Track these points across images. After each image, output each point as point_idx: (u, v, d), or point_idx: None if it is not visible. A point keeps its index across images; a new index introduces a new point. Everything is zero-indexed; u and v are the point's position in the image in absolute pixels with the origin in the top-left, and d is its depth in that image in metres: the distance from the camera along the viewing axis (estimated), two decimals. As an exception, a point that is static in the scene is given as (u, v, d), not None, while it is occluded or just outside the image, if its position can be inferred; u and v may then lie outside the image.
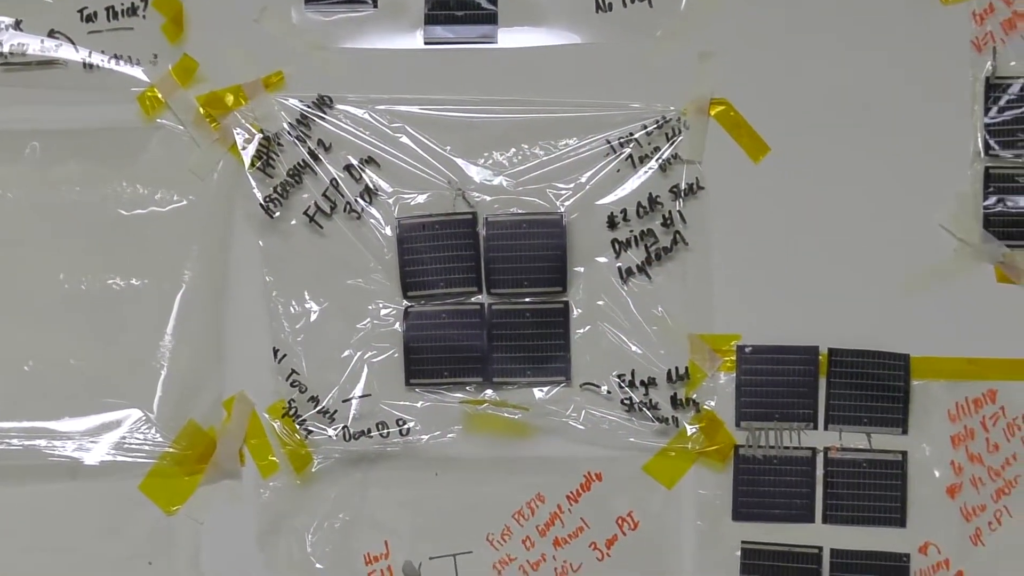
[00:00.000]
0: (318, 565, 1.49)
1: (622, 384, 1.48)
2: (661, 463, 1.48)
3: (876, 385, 1.47)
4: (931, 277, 1.47)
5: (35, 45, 1.50)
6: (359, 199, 1.49)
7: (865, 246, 1.48)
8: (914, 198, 1.48)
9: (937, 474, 1.47)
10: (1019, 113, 1.47)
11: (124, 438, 1.47)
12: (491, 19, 1.51)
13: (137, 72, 1.51)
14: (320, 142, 1.49)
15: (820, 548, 1.47)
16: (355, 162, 1.49)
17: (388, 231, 1.49)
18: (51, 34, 1.50)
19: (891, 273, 1.48)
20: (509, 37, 1.51)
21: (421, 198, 1.49)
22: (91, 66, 1.51)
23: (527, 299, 1.49)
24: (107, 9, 1.51)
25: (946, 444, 1.47)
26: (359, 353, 1.49)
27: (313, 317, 1.49)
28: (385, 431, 1.48)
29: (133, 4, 1.51)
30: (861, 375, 1.47)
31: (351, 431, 1.48)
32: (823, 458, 1.48)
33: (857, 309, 1.48)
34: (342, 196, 1.49)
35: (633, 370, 1.48)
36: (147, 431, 1.47)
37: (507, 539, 1.49)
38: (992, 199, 1.47)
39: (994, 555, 1.46)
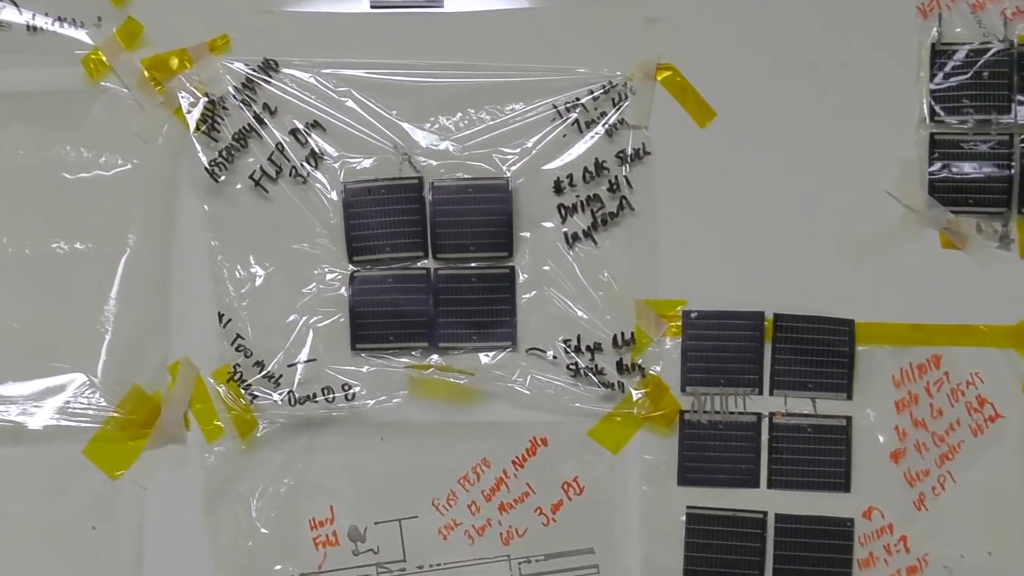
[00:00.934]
0: (263, 530, 1.48)
1: (568, 349, 1.48)
2: (607, 428, 1.48)
3: (821, 351, 1.47)
4: (876, 243, 1.48)
5: (-23, 8, 1.49)
6: (305, 163, 1.48)
7: (810, 212, 1.48)
8: (859, 164, 1.48)
9: (881, 439, 1.47)
10: (964, 79, 1.47)
11: (68, 403, 1.47)
12: (438, -17, 1.51)
13: (81, 35, 1.50)
14: (265, 106, 1.49)
15: (765, 513, 1.47)
16: (301, 126, 1.49)
17: (334, 195, 1.49)
18: (-6, -4, 1.50)
19: (836, 239, 1.48)
20: (456, 1, 1.50)
21: (367, 162, 1.49)
22: (34, 28, 1.50)
23: (473, 264, 1.49)
24: (51, -29, 1.50)
25: (890, 409, 1.48)
26: (304, 318, 1.48)
27: (258, 282, 1.49)
28: (330, 396, 1.47)
29: (77, -34, 1.50)
30: (806, 340, 1.47)
31: (296, 396, 1.47)
32: (768, 423, 1.48)
33: (802, 275, 1.48)
34: (288, 160, 1.48)
35: (579, 335, 1.48)
36: (91, 395, 1.47)
37: (452, 504, 1.49)
38: (937, 165, 1.48)
39: (937, 520, 1.47)
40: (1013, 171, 1.47)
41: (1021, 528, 1.46)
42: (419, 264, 1.49)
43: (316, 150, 1.48)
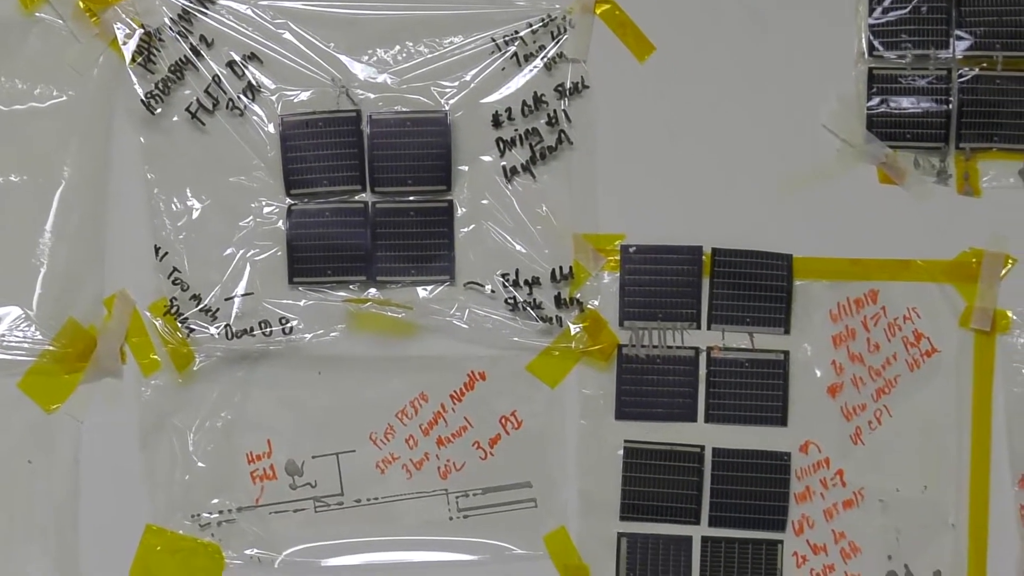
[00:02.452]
0: (200, 464, 1.48)
1: (506, 283, 1.47)
2: (545, 362, 1.48)
3: (759, 285, 1.47)
4: (814, 178, 1.48)
5: (-91, -63, 1.48)
6: (242, 96, 1.47)
7: (749, 146, 1.48)
8: (798, 99, 1.48)
9: (818, 374, 1.48)
10: (903, 14, 1.47)
11: (3, 336, 1.46)
12: (376, -85, 1.50)
13: (14, -36, 1.48)
14: (202, 38, 1.47)
15: (702, 447, 1.48)
16: (238, 58, 1.47)
17: (271, 128, 1.48)
18: (-74, -74, 1.48)
19: (774, 174, 1.48)
20: (395, -67, 1.50)
21: (304, 95, 1.48)
22: (-33, -42, 1.48)
23: (411, 198, 1.48)
24: (-15, -99, 1.48)
25: (827, 344, 1.48)
26: (242, 251, 1.48)
27: (195, 215, 1.48)
28: (268, 330, 1.47)
29: None
30: (744, 275, 1.47)
31: (233, 329, 1.47)
32: (706, 358, 1.48)
33: (740, 209, 1.48)
34: (224, 93, 1.47)
35: (517, 269, 1.47)
36: (26, 329, 1.46)
37: (390, 438, 1.49)
38: (875, 100, 1.48)
39: (874, 454, 1.47)
40: (951, 106, 1.47)
41: (956, 462, 1.47)
42: (357, 198, 1.48)
43: (253, 83, 1.47)
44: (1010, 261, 1.47)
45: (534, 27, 1.47)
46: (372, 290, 1.48)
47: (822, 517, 1.47)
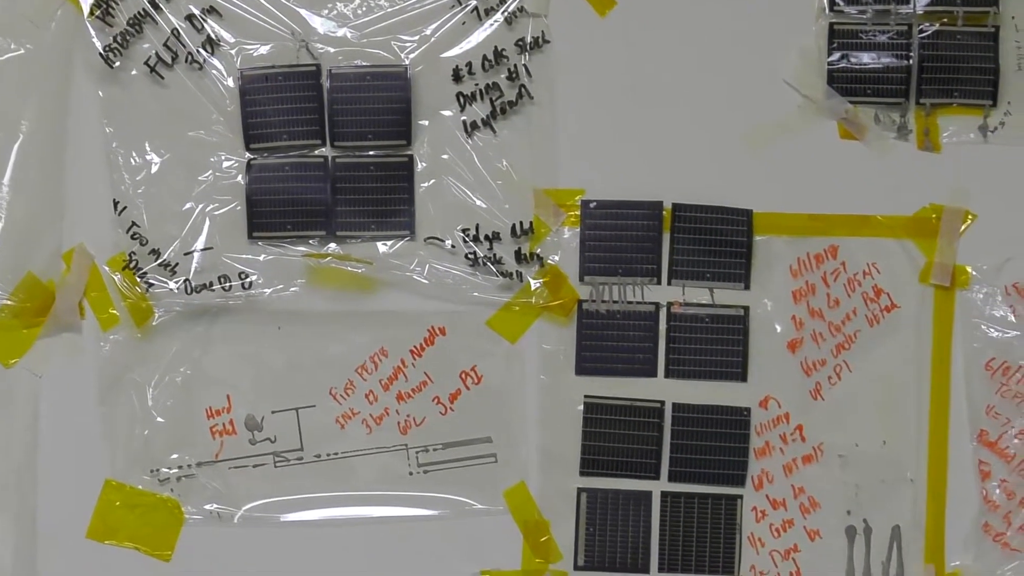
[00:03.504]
0: (159, 419, 1.48)
1: (466, 238, 1.47)
2: (505, 317, 1.48)
3: (719, 240, 1.47)
4: (774, 133, 1.48)
5: None
6: (201, 50, 1.47)
7: (709, 101, 1.48)
8: (758, 54, 1.48)
9: (778, 329, 1.48)
10: (864, -31, 1.47)
11: (-39, 290, 1.45)
12: None
13: (-29, -84, 1.47)
14: (161, -9, 1.47)
15: (662, 402, 1.48)
16: (197, 12, 1.47)
17: (230, 82, 1.47)
18: None
19: (735, 129, 1.48)
20: None
21: (264, 49, 1.47)
22: (-78, -91, 1.47)
23: (371, 152, 1.48)
24: None
25: (787, 299, 1.48)
26: (201, 206, 1.47)
27: (154, 169, 1.47)
28: (227, 284, 1.46)
29: None
30: (704, 230, 1.47)
31: (193, 284, 1.46)
32: (666, 313, 1.48)
33: (701, 164, 1.48)
34: (183, 46, 1.47)
35: (477, 224, 1.47)
36: (-16, 283, 1.46)
37: (350, 393, 1.48)
38: (836, 55, 1.48)
39: (833, 409, 1.48)
40: (911, 61, 1.47)
41: (915, 417, 1.47)
42: (317, 152, 1.48)
43: (212, 36, 1.47)
44: (969, 217, 1.47)
45: (495, -19, 1.47)
46: (332, 245, 1.48)
47: (782, 472, 1.48)
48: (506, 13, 1.47)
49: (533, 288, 1.47)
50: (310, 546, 1.47)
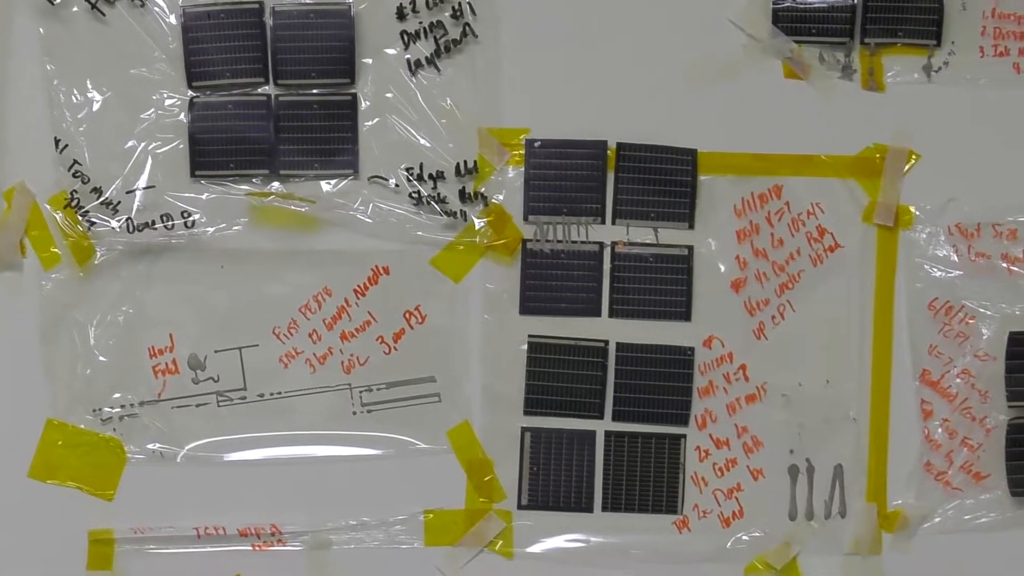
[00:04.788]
0: (101, 358, 1.47)
1: (410, 177, 1.47)
2: (449, 257, 1.47)
3: (663, 180, 1.47)
4: (719, 72, 1.48)
5: None
6: (143, -14, 1.46)
7: (654, 40, 1.47)
8: (704, -7, 1.48)
9: (722, 269, 1.48)
10: (809, -92, 1.47)
11: (-100, 228, 1.44)
12: None
13: None
14: (102, -74, 1.46)
15: (606, 342, 1.48)
16: (138, -52, 1.46)
17: (173, 20, 1.46)
18: None
19: (680, 68, 1.48)
20: None
21: (206, -14, 1.46)
22: None
23: (314, 91, 1.47)
24: None
25: (731, 239, 1.48)
26: (143, 144, 1.46)
27: (96, 107, 1.46)
28: (170, 223, 1.46)
29: None
30: (648, 170, 1.47)
31: (135, 223, 1.45)
32: (610, 252, 1.48)
33: (645, 104, 1.48)
34: (125, -17, 1.46)
35: (421, 163, 1.47)
36: (-77, 221, 1.45)
37: (293, 333, 1.48)
38: (781, -6, 1.48)
39: (777, 348, 1.48)
40: (856, 1, 1.47)
41: (858, 357, 1.48)
42: (260, 90, 1.47)
43: (154, -27, 1.46)
44: (913, 157, 1.48)
45: (439, -82, 1.46)
46: (275, 184, 1.47)
47: (725, 411, 1.48)
48: (450, -49, 1.46)
49: (477, 227, 1.47)
50: (253, 485, 1.47)
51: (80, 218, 1.45)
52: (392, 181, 1.46)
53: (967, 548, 1.47)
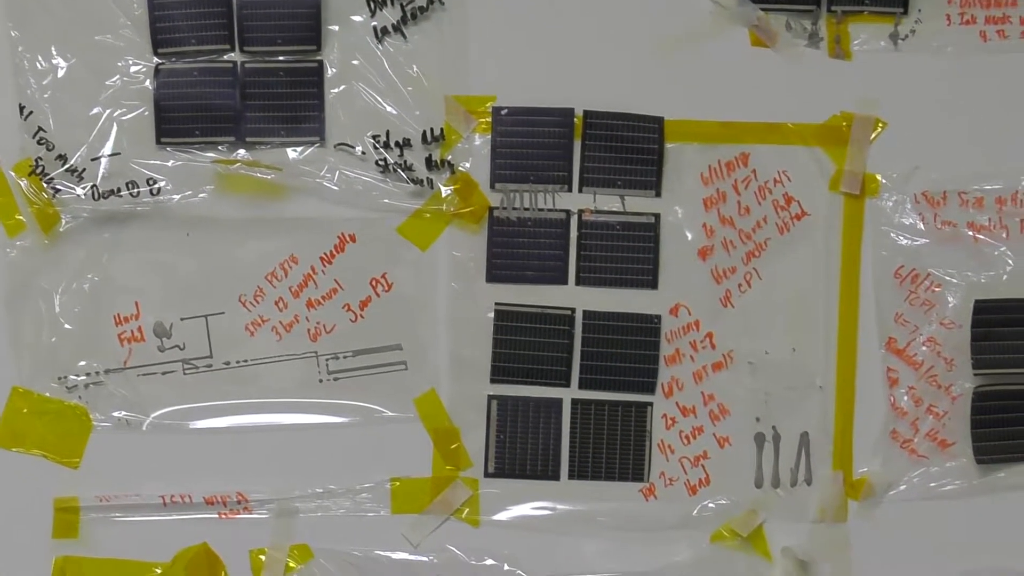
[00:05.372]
0: (67, 326, 1.46)
1: (377, 145, 1.46)
2: (415, 225, 1.47)
3: (630, 148, 1.47)
4: (686, 40, 1.47)
5: None
6: (108, -48, 1.45)
7: (621, 8, 1.47)
8: (671, -40, 1.47)
9: (689, 236, 1.48)
10: None
11: None
12: None
13: None
14: None
15: (573, 310, 1.48)
16: (103, -87, 1.45)
17: (138, -14, 1.46)
18: None
19: (647, 36, 1.47)
20: None
21: (172, -48, 1.46)
22: None
23: (281, 58, 1.47)
24: None
25: (698, 207, 1.48)
26: (108, 111, 1.46)
27: (60, 73, 1.45)
28: (135, 190, 1.45)
29: None
30: (615, 138, 1.47)
31: (100, 190, 1.45)
32: (577, 220, 1.48)
33: (612, 72, 1.48)
34: (90, -52, 1.45)
35: (388, 131, 1.46)
36: None
37: (260, 300, 1.48)
38: (747, -38, 1.47)
39: (743, 316, 1.48)
40: (823, -31, 1.47)
41: (824, 325, 1.48)
42: (226, 57, 1.46)
43: (119, -62, 1.45)
44: (880, 125, 1.48)
45: None
46: (241, 151, 1.47)
47: (691, 379, 1.48)
48: (417, -83, 1.46)
49: (444, 195, 1.47)
50: (219, 454, 1.47)
51: (45, 185, 1.45)
52: (358, 149, 1.46)
53: (933, 515, 1.47)
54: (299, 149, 1.47)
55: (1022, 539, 1.47)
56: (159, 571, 1.46)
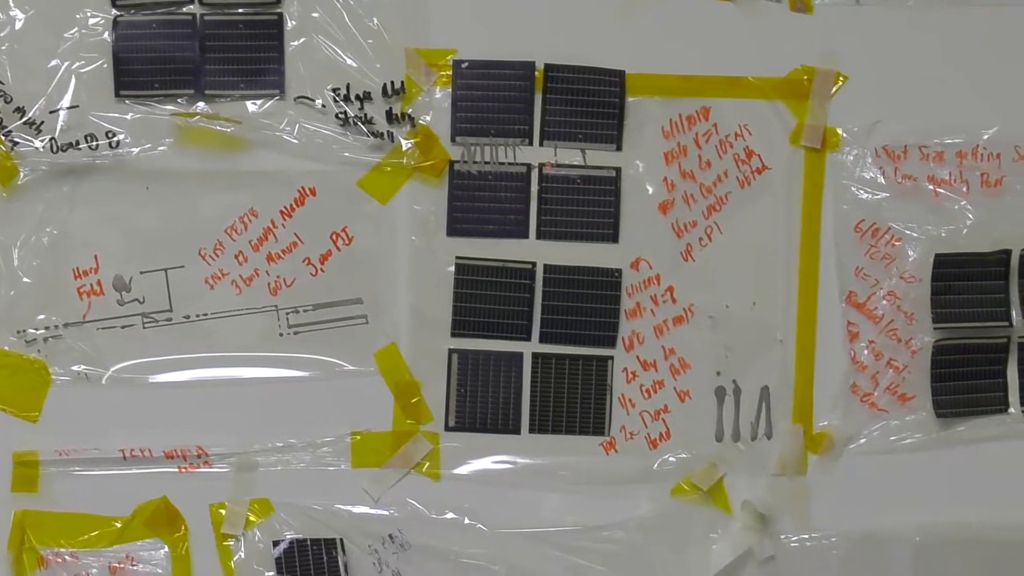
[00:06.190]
0: (25, 279, 1.46)
1: (337, 98, 1.46)
2: (376, 178, 1.47)
3: (591, 101, 1.47)
4: (647, -7, 1.47)
5: None
6: (65, -97, 1.44)
7: (582, -39, 1.47)
8: (632, -87, 1.47)
9: (650, 190, 1.48)
10: None
11: None
12: None
13: None
14: None
15: (533, 263, 1.47)
16: None
17: (96, -63, 1.45)
18: None
19: (608, -11, 1.47)
20: None
21: (130, -97, 1.45)
22: None
23: (240, 10, 1.46)
24: None
25: (659, 161, 1.48)
26: (67, 63, 1.45)
27: (18, 25, 1.45)
28: (94, 143, 1.45)
29: None
30: (576, 91, 1.47)
31: (59, 143, 1.44)
32: (538, 174, 1.48)
33: (573, 25, 1.47)
34: (47, -101, 1.44)
35: (348, 84, 1.46)
36: None
37: (220, 254, 1.47)
38: (709, -85, 1.47)
39: (704, 270, 1.48)
40: (784, -78, 1.47)
41: (784, 279, 1.48)
42: (185, 9, 1.46)
43: None
44: (841, 79, 1.48)
45: None
46: (200, 104, 1.46)
47: (652, 333, 1.48)
48: None
49: (404, 148, 1.46)
50: (179, 407, 1.47)
51: (3, 138, 1.44)
52: (319, 102, 1.46)
53: (892, 469, 1.48)
54: (259, 102, 1.46)
55: (980, 492, 1.47)
56: (119, 525, 1.46)
